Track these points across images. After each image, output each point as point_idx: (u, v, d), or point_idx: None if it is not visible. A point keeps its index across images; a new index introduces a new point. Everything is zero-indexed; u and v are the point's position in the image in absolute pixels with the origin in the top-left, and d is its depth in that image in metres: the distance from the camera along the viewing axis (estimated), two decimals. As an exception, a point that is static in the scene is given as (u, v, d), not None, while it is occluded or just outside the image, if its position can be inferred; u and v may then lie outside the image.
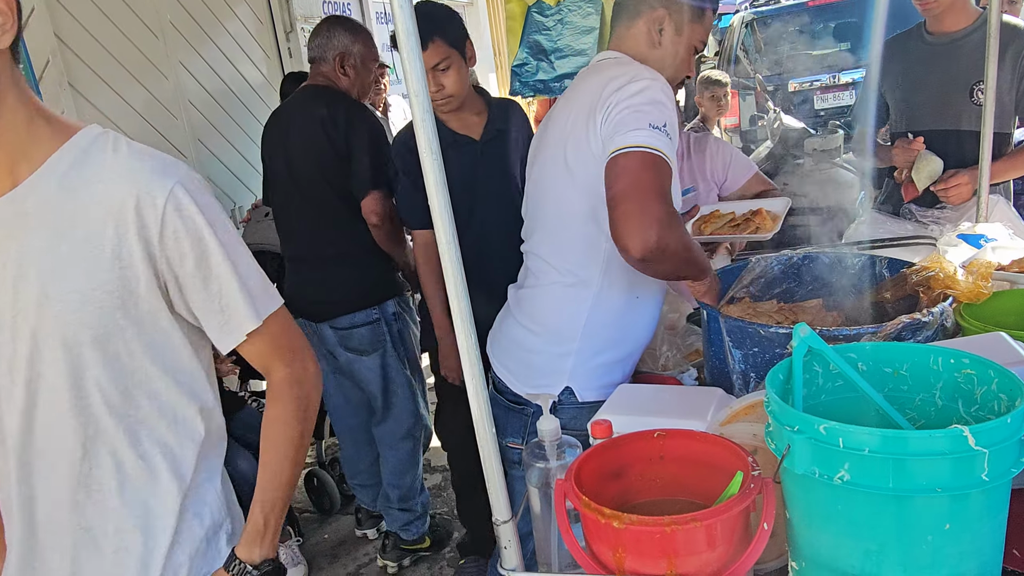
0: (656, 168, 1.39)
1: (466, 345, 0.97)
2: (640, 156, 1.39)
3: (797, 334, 1.08)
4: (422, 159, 0.91)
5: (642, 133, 1.40)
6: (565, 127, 1.60)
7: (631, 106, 1.45)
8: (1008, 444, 0.86)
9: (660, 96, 1.47)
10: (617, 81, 1.49)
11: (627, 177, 1.38)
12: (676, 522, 0.96)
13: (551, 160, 1.63)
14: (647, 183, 1.37)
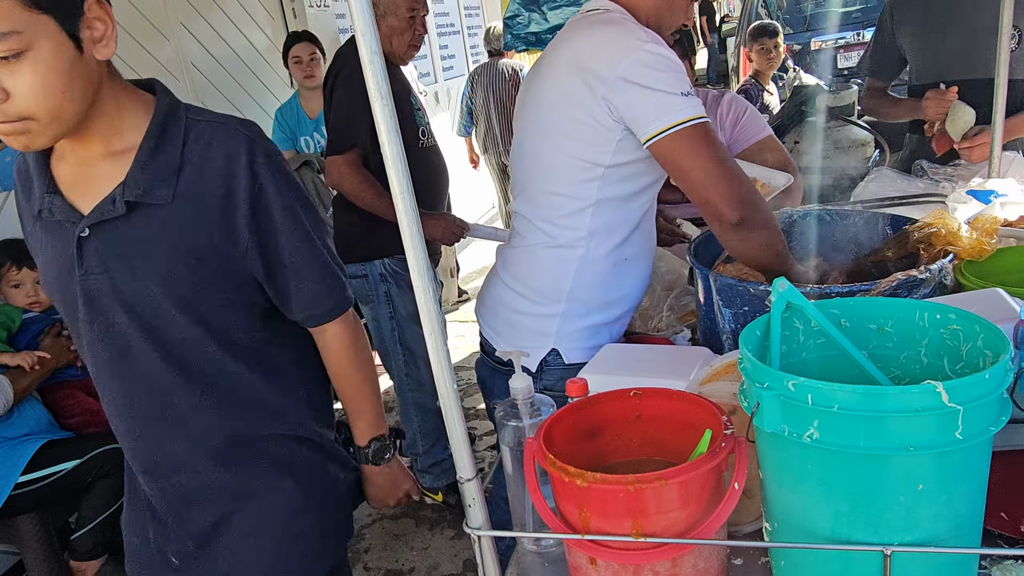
0: (709, 136, 1.40)
1: (424, 299, 0.93)
2: (692, 131, 1.39)
3: (776, 289, 1.04)
4: (372, 104, 0.87)
5: (679, 109, 1.38)
6: (555, 90, 1.53)
7: (650, 84, 1.40)
8: (986, 401, 0.81)
9: (665, 53, 1.42)
10: (611, 53, 1.42)
11: (691, 154, 1.39)
12: (641, 481, 0.93)
13: (539, 121, 1.58)
14: (713, 155, 1.39)
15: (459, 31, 7.21)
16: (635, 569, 0.98)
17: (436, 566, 2.75)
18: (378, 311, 2.75)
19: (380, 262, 2.68)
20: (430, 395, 2.86)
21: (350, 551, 2.89)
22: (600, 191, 1.53)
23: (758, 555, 1.11)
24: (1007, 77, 2.04)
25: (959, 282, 1.44)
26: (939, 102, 2.35)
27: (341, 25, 4.94)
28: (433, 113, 6.13)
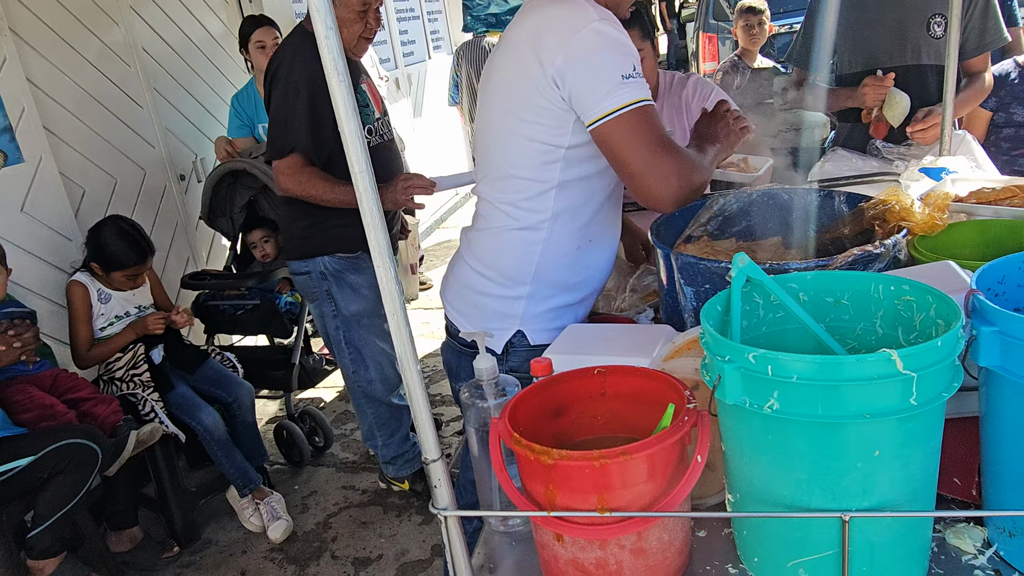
0: (648, 119, 1.38)
1: (385, 278, 0.92)
2: (627, 118, 1.37)
3: (736, 264, 1.05)
4: (328, 81, 0.85)
5: (620, 91, 1.37)
6: (510, 71, 1.52)
7: (593, 65, 1.38)
8: (938, 368, 0.84)
9: (613, 34, 1.39)
10: (560, 31, 1.40)
11: (630, 141, 1.38)
12: (605, 456, 0.93)
13: (498, 104, 1.56)
14: (650, 140, 1.38)
15: (419, 16, 7.13)
16: (601, 544, 0.99)
17: (404, 552, 2.75)
18: (322, 308, 2.72)
19: (321, 260, 2.64)
20: (380, 389, 2.84)
21: (317, 540, 2.87)
22: (562, 173, 1.53)
23: (721, 526, 1.12)
24: (956, 60, 2.08)
25: (913, 256, 1.47)
26: (877, 89, 2.39)
27: (298, 9, 4.84)
28: (394, 99, 6.07)
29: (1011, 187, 1.64)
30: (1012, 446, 0.92)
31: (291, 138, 2.45)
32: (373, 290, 2.65)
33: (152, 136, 3.84)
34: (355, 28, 2.48)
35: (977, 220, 1.57)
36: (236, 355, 3.22)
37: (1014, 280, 1.03)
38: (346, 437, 3.57)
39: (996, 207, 1.58)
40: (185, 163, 4.07)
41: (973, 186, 1.70)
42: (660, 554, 1.01)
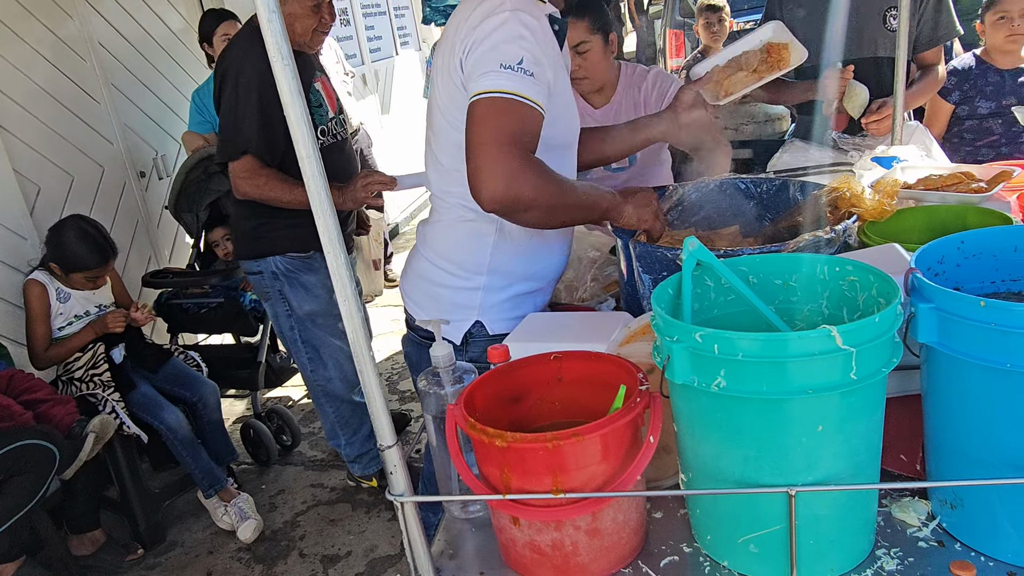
0: (506, 113, 1.31)
1: (336, 264, 0.92)
2: (488, 103, 1.32)
3: (686, 247, 1.06)
4: (273, 64, 0.85)
5: (491, 77, 1.32)
6: (440, 67, 1.51)
7: (486, 46, 1.35)
8: (877, 343, 0.86)
9: (519, 29, 1.36)
10: (476, 16, 1.39)
11: (475, 127, 1.32)
12: (558, 437, 0.94)
13: (439, 97, 1.55)
14: (494, 133, 1.30)
15: (385, 12, 7.09)
16: (557, 525, 1.00)
17: (374, 548, 2.74)
18: (276, 308, 2.70)
19: (273, 260, 2.61)
20: (340, 387, 2.82)
21: (285, 539, 2.85)
22: None
23: (677, 507, 1.14)
24: (907, 54, 2.13)
25: (863, 241, 1.50)
26: (838, 81, 2.44)
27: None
28: (361, 96, 6.03)
29: (957, 174, 1.68)
30: (951, 420, 0.95)
31: (243, 140, 2.41)
32: (327, 290, 2.61)
33: (110, 132, 3.77)
34: (308, 23, 2.45)
35: (925, 206, 1.61)
36: (201, 354, 3.18)
37: (953, 260, 1.06)
38: (314, 435, 3.55)
39: (943, 193, 1.62)
40: (145, 160, 4.00)
41: (922, 173, 1.75)
42: (615, 534, 1.02)
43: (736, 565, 0.99)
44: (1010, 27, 2.76)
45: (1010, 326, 0.83)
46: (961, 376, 0.91)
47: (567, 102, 1.59)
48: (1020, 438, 0.88)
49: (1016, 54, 2.81)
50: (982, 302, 0.84)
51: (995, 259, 1.06)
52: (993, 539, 0.95)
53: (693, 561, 1.03)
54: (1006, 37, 2.77)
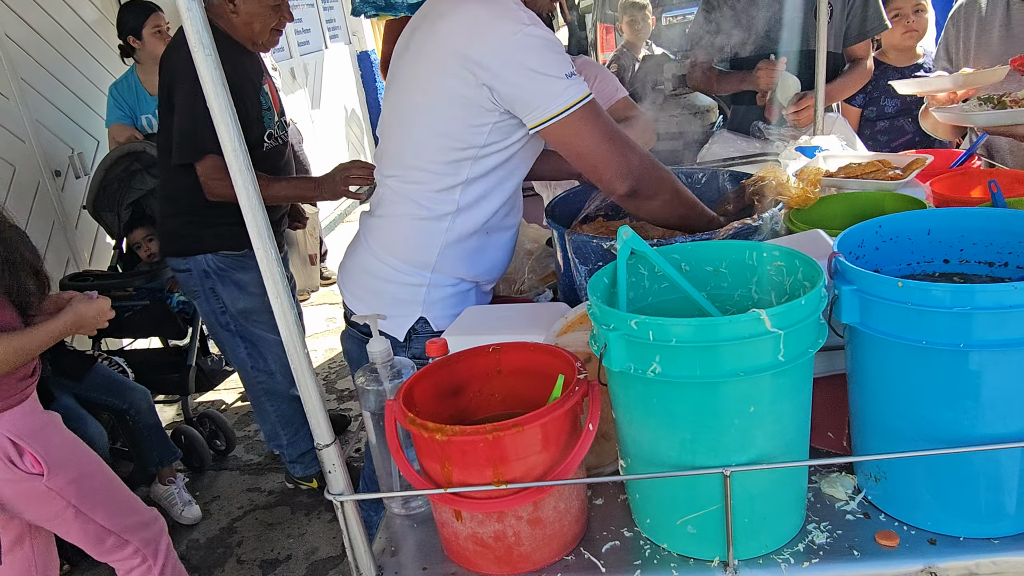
0: (594, 116, 1.40)
1: (266, 261, 0.90)
2: (581, 113, 1.39)
3: (620, 237, 1.08)
4: (195, 57, 0.82)
5: (568, 92, 1.38)
6: (432, 67, 1.48)
7: (535, 69, 1.37)
8: (803, 325, 0.89)
9: (547, 36, 1.39)
10: (493, 37, 1.38)
11: (586, 136, 1.40)
12: (498, 429, 0.94)
13: (412, 93, 1.53)
14: (603, 137, 1.40)
15: (314, 4, 6.94)
16: (499, 516, 1.00)
17: (314, 550, 2.69)
18: (207, 306, 2.63)
19: (204, 257, 2.54)
20: (281, 383, 2.77)
21: (221, 546, 2.77)
22: (471, 170, 1.52)
23: (617, 493, 1.16)
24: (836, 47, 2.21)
25: (789, 228, 1.55)
26: (770, 73, 2.51)
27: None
28: (290, 90, 5.89)
29: (875, 162, 1.75)
30: (873, 397, 0.99)
31: (201, 140, 2.33)
32: (262, 288, 2.55)
33: (21, 130, 3.58)
34: (268, 21, 2.39)
35: (846, 193, 1.68)
36: (126, 359, 3.06)
37: (872, 244, 1.10)
38: (249, 439, 3.46)
39: (862, 180, 1.69)
40: (61, 158, 3.81)
41: (842, 162, 1.82)
42: (557, 523, 1.03)
43: (675, 547, 1.01)
44: (905, 23, 2.89)
45: (925, 305, 0.86)
46: (882, 354, 0.95)
47: None
48: (937, 412, 0.92)
49: (912, 50, 2.94)
50: (899, 283, 0.88)
51: (911, 242, 1.11)
52: (914, 509, 0.99)
53: (634, 545, 1.05)
54: (902, 34, 2.91)
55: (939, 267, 1.12)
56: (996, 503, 0.94)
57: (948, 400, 0.91)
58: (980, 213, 1.09)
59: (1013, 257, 1.05)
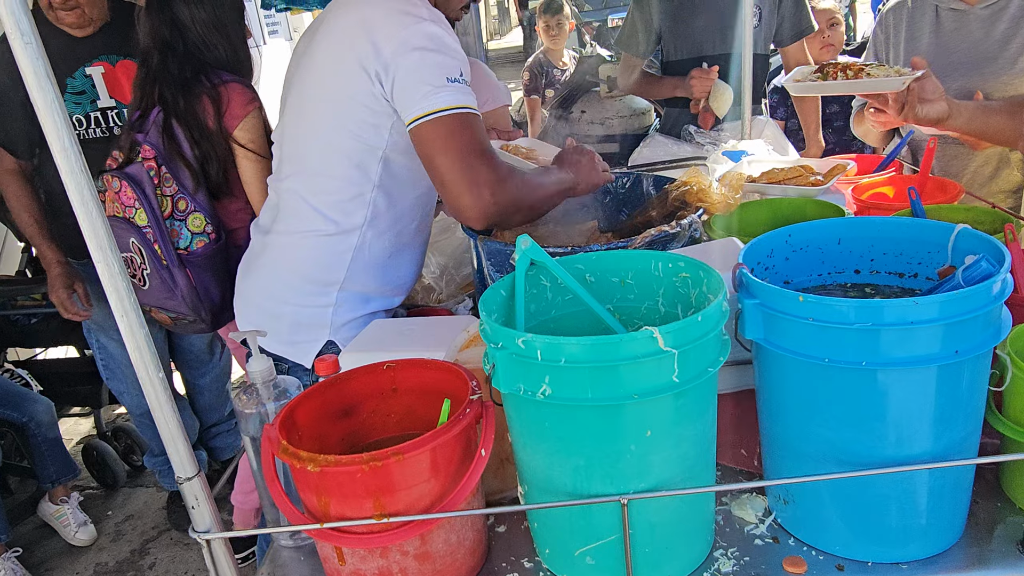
0: (467, 127, 1.31)
1: (108, 275, 0.80)
2: (447, 121, 1.29)
3: (519, 247, 1.00)
4: (12, 43, 0.71)
5: (442, 94, 1.29)
6: (330, 63, 1.41)
7: (418, 65, 1.30)
8: (702, 343, 0.83)
9: (442, 36, 1.33)
10: (388, 30, 1.32)
11: (441, 147, 1.30)
12: (376, 458, 0.86)
13: (314, 95, 1.44)
14: (464, 147, 1.29)
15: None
16: (383, 552, 0.92)
17: (234, 571, 2.55)
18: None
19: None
20: (133, 402, 2.61)
21: (131, 568, 2.61)
22: (380, 176, 1.43)
23: (520, 520, 1.08)
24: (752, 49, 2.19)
25: (709, 236, 1.51)
26: (703, 81, 2.48)
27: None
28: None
29: (797, 167, 1.73)
30: (780, 416, 0.94)
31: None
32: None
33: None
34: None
35: (768, 199, 1.64)
36: (32, 370, 2.87)
37: (782, 253, 1.05)
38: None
39: (784, 186, 1.66)
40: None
41: (766, 167, 1.78)
42: (448, 556, 0.95)
43: (574, 579, 0.94)
44: (821, 39, 2.93)
45: (827, 320, 0.82)
46: (786, 372, 0.90)
47: None
48: (842, 433, 0.87)
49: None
50: (800, 297, 0.83)
51: (821, 252, 1.07)
52: (822, 533, 0.95)
53: (533, 577, 0.98)
54: (820, 49, 2.95)
55: (850, 277, 1.07)
56: (904, 527, 0.90)
57: (853, 420, 0.86)
58: (890, 222, 1.05)
59: (923, 268, 1.02)
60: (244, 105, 1.88)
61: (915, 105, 1.48)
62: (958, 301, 0.78)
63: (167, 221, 1.82)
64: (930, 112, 1.48)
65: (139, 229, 1.80)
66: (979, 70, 1.71)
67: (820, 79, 1.63)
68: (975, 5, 1.72)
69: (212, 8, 1.90)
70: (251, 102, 1.90)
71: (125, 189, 1.79)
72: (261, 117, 1.93)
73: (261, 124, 1.92)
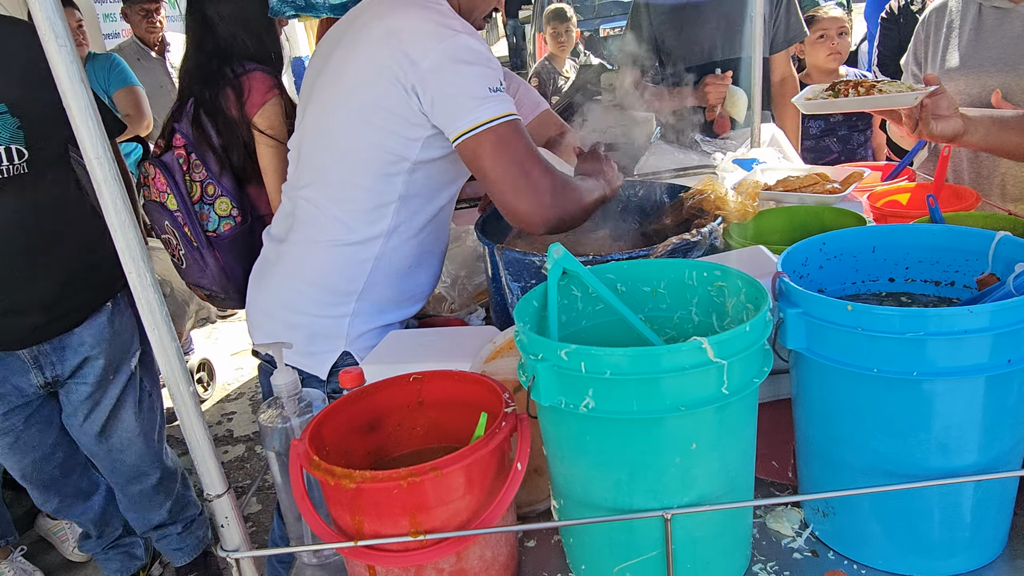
0: (515, 136, 1.29)
1: (140, 286, 0.77)
2: (498, 130, 1.28)
3: (551, 256, 0.99)
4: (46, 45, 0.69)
5: (487, 105, 1.28)
6: (359, 72, 1.38)
7: (459, 78, 1.29)
8: (749, 353, 0.81)
9: (478, 47, 1.31)
10: (424, 44, 1.30)
11: (494, 157, 1.28)
12: (414, 474, 0.84)
13: (339, 105, 1.41)
14: (516, 157, 1.28)
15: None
16: (417, 571, 0.90)
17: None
18: None
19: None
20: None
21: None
22: (405, 187, 1.41)
23: (551, 534, 1.06)
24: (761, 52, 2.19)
25: (728, 243, 1.50)
26: (719, 87, 2.47)
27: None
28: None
29: (813, 175, 1.72)
30: (821, 427, 0.93)
31: None
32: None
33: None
34: None
35: (785, 207, 1.63)
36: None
37: (816, 262, 1.04)
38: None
39: (801, 194, 1.65)
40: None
41: (780, 175, 1.78)
42: (483, 573, 0.93)
43: (613, 596, 0.92)
44: (830, 45, 2.93)
45: (876, 330, 0.80)
46: (829, 382, 0.89)
47: None
48: (888, 444, 0.86)
49: (836, 72, 2.98)
50: (849, 306, 0.81)
51: (855, 260, 1.06)
52: (863, 546, 0.93)
53: (568, 594, 0.95)
54: (826, 56, 2.95)
55: (884, 286, 1.06)
56: (949, 539, 0.89)
57: (900, 431, 0.85)
58: (926, 230, 1.04)
59: (959, 276, 1.01)
60: (264, 93, 1.94)
61: (929, 121, 1.47)
62: (1011, 310, 0.77)
63: (197, 205, 1.93)
64: (945, 129, 1.47)
65: (171, 213, 1.91)
66: (1015, 68, 1.71)
67: (831, 96, 1.63)
68: (1019, 3, 1.72)
69: (235, 3, 1.99)
70: (271, 89, 1.96)
71: (159, 176, 1.92)
72: (281, 104, 1.98)
73: (280, 110, 1.97)
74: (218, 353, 4.18)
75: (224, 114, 1.92)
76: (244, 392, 3.81)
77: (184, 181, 1.91)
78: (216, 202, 1.93)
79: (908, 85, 1.56)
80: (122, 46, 4.06)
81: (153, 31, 3.98)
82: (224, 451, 3.25)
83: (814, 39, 2.94)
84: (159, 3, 4.00)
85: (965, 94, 1.82)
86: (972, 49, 1.76)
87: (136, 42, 4.01)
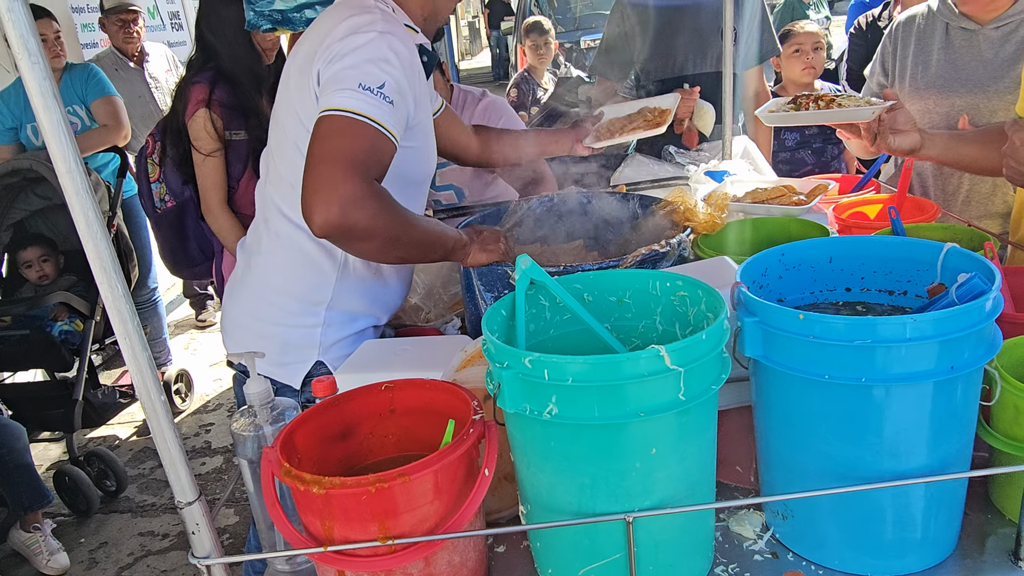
0: (355, 136, 1.21)
1: (112, 296, 0.79)
2: (339, 121, 1.21)
3: (519, 266, 1.01)
4: (19, 63, 0.71)
5: (346, 95, 1.22)
6: (294, 76, 1.40)
7: (347, 62, 1.26)
8: (705, 361, 0.84)
9: (385, 52, 1.28)
10: (342, 29, 1.29)
11: (320, 144, 1.21)
12: (382, 480, 0.86)
13: (288, 110, 1.43)
14: (339, 153, 1.20)
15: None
16: (387, 574, 0.91)
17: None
18: None
19: None
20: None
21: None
22: None
23: (520, 540, 1.08)
24: (732, 68, 2.24)
25: (697, 254, 1.53)
26: (688, 101, 2.51)
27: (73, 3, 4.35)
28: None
29: (780, 187, 1.76)
30: (778, 432, 0.96)
31: None
32: None
33: None
34: None
35: (753, 218, 1.67)
36: (1, 395, 2.79)
37: (775, 272, 1.08)
38: (144, 477, 3.21)
39: (768, 205, 1.69)
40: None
41: (749, 187, 1.82)
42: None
43: (578, 598, 0.94)
44: (805, 60, 2.99)
45: (827, 338, 0.83)
46: (785, 389, 0.92)
47: (426, 135, 1.50)
48: (841, 448, 0.89)
49: (811, 86, 3.04)
50: (800, 315, 0.84)
51: (813, 270, 1.09)
52: (821, 547, 0.96)
53: (535, 598, 0.97)
54: (802, 70, 3.01)
55: (841, 295, 1.10)
56: (901, 540, 0.92)
57: (852, 435, 0.88)
58: (880, 241, 1.08)
59: (912, 285, 1.04)
60: (195, 104, 2.18)
61: (887, 135, 1.51)
62: (954, 318, 0.81)
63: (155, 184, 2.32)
64: (902, 143, 1.51)
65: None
66: (984, 89, 1.76)
67: (793, 109, 1.67)
68: (985, 25, 1.77)
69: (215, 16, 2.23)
70: (199, 102, 2.18)
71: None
72: (207, 117, 2.19)
73: (205, 123, 2.18)
74: (196, 364, 4.16)
75: (174, 116, 2.24)
76: (223, 403, 3.79)
77: (146, 163, 2.31)
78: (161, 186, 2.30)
79: (867, 100, 1.60)
80: (100, 56, 4.05)
81: (131, 41, 3.98)
82: (202, 463, 3.24)
83: (789, 53, 2.99)
84: (136, 13, 3.99)
85: (934, 113, 1.87)
86: (941, 69, 1.81)
87: (114, 52, 4.00)
